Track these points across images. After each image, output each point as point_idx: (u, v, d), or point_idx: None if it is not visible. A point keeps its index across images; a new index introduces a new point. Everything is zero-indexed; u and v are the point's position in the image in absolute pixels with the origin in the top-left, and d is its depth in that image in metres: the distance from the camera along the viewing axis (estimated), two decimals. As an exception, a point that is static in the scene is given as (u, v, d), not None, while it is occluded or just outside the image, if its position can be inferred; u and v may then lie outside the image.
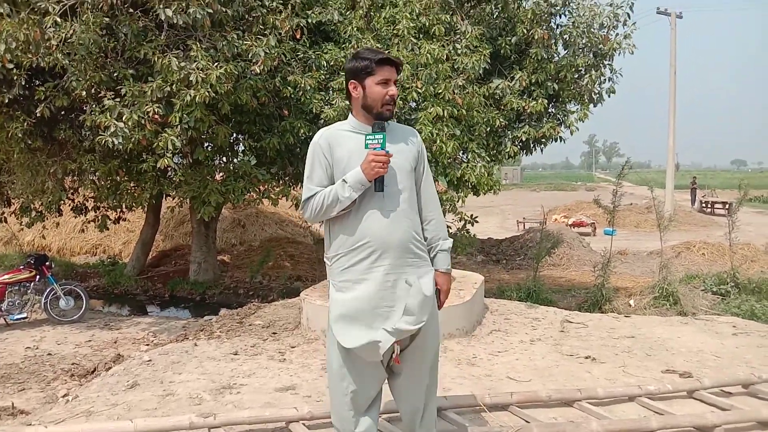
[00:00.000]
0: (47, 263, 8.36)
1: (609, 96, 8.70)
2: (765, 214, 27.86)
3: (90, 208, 11.04)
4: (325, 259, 2.57)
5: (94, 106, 6.56)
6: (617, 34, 8.42)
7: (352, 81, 2.47)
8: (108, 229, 11.24)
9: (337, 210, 2.41)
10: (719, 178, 62.43)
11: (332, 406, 2.55)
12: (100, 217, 10.80)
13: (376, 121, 2.44)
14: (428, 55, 7.10)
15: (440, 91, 7.14)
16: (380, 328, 2.39)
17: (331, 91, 7.59)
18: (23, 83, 6.71)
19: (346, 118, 7.86)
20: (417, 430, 2.61)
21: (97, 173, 8.40)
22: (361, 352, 2.39)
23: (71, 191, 10.29)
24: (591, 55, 8.40)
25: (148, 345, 6.79)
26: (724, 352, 4.94)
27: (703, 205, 29.44)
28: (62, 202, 9.04)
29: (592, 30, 8.33)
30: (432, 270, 2.55)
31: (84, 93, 6.53)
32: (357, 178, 2.36)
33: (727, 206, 25.87)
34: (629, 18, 8.35)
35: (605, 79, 8.61)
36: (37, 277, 8.22)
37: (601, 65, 8.53)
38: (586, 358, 4.74)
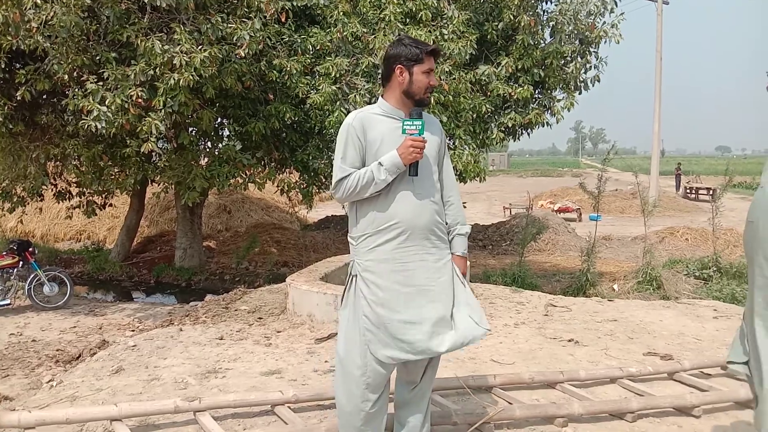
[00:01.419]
0: (30, 249, 8.27)
1: (594, 84, 8.73)
2: (748, 200, 28.14)
3: (74, 193, 10.93)
4: (349, 239, 2.60)
5: (76, 89, 6.47)
6: (604, 22, 8.44)
7: (400, 66, 2.50)
8: (96, 214, 11.17)
9: (371, 191, 2.45)
10: (703, 164, 62.98)
11: (342, 391, 2.56)
12: (85, 203, 10.71)
13: (415, 108, 2.52)
14: (415, 40, 7.07)
15: (426, 76, 7.12)
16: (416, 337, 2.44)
17: (317, 75, 7.55)
18: (3, 66, 6.59)
19: (333, 102, 7.75)
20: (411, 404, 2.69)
21: (80, 158, 8.31)
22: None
23: (54, 176, 10.17)
24: (577, 43, 8.42)
25: (133, 331, 6.77)
26: (705, 335, 5.02)
27: (688, 190, 29.71)
28: (44, 187, 8.95)
29: (579, 17, 8.34)
30: (451, 261, 2.61)
31: (66, 76, 6.43)
32: (393, 162, 2.42)
33: (710, 192, 26.16)
34: (616, 6, 8.37)
35: (591, 67, 8.64)
36: (20, 263, 8.13)
37: (587, 53, 8.56)
38: (569, 341, 4.79)
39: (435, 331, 2.46)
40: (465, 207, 3.07)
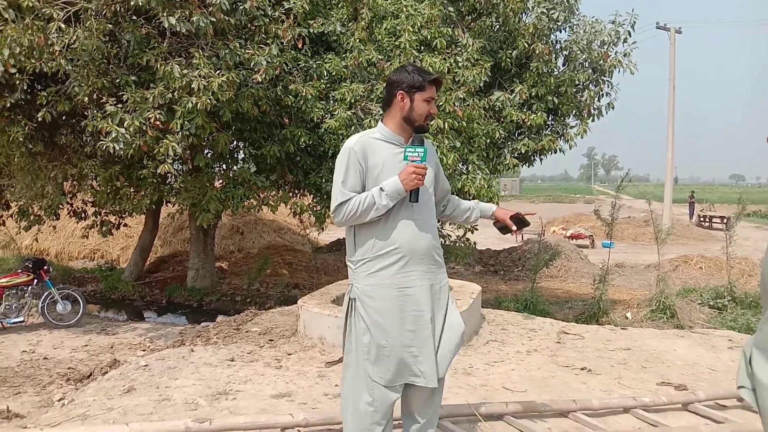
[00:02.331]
0: (45, 267, 8.37)
1: (607, 112, 8.77)
2: (762, 229, 27.93)
3: (90, 213, 11.05)
4: (348, 263, 2.63)
5: (95, 111, 6.58)
6: (617, 52, 8.50)
7: (401, 92, 2.54)
8: (111, 234, 11.27)
9: (371, 216, 2.48)
10: (717, 193, 62.60)
11: (350, 414, 2.58)
12: (100, 223, 10.82)
13: (416, 134, 2.57)
14: (430, 67, 7.16)
15: (441, 103, 7.19)
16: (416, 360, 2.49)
17: (331, 101, 7.64)
18: (25, 88, 6.73)
19: (348, 127, 7.83)
20: None
21: (97, 178, 8.42)
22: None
23: (70, 196, 10.31)
24: (591, 71, 8.47)
25: (144, 350, 6.80)
26: (720, 365, 4.96)
27: (701, 219, 29.50)
28: (61, 206, 9.06)
29: (593, 46, 8.41)
30: (447, 285, 2.70)
31: (86, 98, 6.55)
32: (395, 188, 2.45)
33: (724, 220, 25.94)
34: (630, 36, 8.42)
35: (604, 94, 8.69)
36: (35, 280, 8.22)
37: (600, 81, 8.61)
38: (582, 369, 4.75)
39: (430, 356, 2.48)
40: (477, 230, 3.30)
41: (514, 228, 2.80)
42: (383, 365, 2.47)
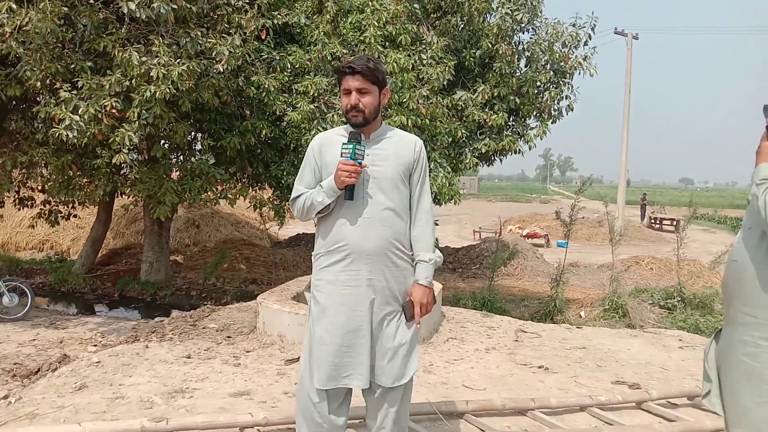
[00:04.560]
0: (-9, 258, 8.05)
1: (567, 113, 8.92)
2: (710, 232, 28.97)
3: (39, 202, 10.66)
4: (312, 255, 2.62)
5: (48, 97, 6.35)
6: (577, 55, 8.64)
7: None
8: (59, 224, 10.90)
9: (315, 212, 2.49)
10: (668, 196, 64.63)
11: (300, 415, 2.55)
12: (47, 212, 10.45)
13: (351, 131, 2.49)
14: (394, 64, 7.14)
15: (405, 100, 7.18)
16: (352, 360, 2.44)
17: (294, 93, 7.54)
18: (-27, 70, 6.45)
19: (310, 121, 7.73)
20: None
21: (48, 167, 8.12)
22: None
23: (18, 184, 9.92)
24: (552, 73, 8.59)
25: (96, 346, 6.59)
26: (671, 364, 5.10)
27: (652, 221, 30.38)
28: (7, 195, 8.71)
29: (554, 48, 8.53)
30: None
31: (38, 83, 6.29)
32: (329, 185, 2.43)
33: (674, 223, 26.78)
34: (590, 39, 8.57)
35: (564, 96, 8.82)
36: (-21, 272, 7.90)
37: (561, 83, 8.74)
38: (540, 367, 4.82)
39: (361, 357, 2.44)
40: (438, 224, 2.98)
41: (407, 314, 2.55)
42: (318, 361, 2.45)
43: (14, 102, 7.38)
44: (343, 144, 2.43)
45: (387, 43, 7.56)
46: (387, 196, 2.49)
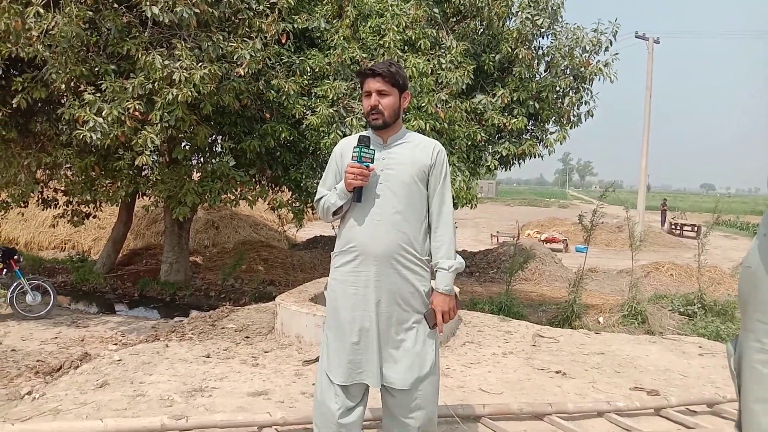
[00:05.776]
0: (15, 257, 8.18)
1: (587, 119, 8.87)
2: (731, 238, 28.57)
3: (61, 202, 10.83)
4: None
5: (73, 99, 6.46)
6: (598, 60, 8.60)
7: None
8: (82, 224, 11.07)
9: (331, 213, 2.55)
10: (688, 201, 63.81)
11: (317, 412, 2.58)
12: (70, 212, 10.61)
13: (360, 134, 2.53)
14: (413, 68, 7.17)
15: (423, 104, 7.21)
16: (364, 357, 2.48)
17: (314, 97, 7.60)
18: (0, 73, 6.58)
19: (329, 125, 7.78)
20: None
21: (72, 168, 8.26)
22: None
23: (42, 184, 10.09)
24: (572, 78, 8.56)
25: (116, 344, 6.68)
26: (691, 371, 5.05)
27: (673, 226, 30.04)
28: (32, 195, 8.87)
29: (574, 53, 8.49)
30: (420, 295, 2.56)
31: (63, 86, 6.42)
32: (341, 187, 2.49)
33: (695, 229, 26.47)
34: (611, 45, 8.52)
35: (584, 102, 8.79)
36: (4, 270, 8.03)
37: (580, 88, 8.70)
38: (557, 372, 4.80)
39: (370, 355, 2.47)
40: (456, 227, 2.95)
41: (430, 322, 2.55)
42: (335, 360, 2.51)
43: (39, 104, 7.52)
44: (354, 147, 2.47)
45: (406, 48, 7.59)
46: (399, 200, 2.50)
